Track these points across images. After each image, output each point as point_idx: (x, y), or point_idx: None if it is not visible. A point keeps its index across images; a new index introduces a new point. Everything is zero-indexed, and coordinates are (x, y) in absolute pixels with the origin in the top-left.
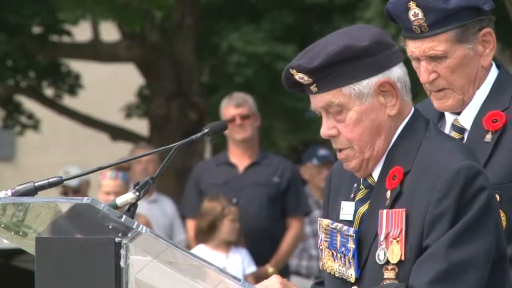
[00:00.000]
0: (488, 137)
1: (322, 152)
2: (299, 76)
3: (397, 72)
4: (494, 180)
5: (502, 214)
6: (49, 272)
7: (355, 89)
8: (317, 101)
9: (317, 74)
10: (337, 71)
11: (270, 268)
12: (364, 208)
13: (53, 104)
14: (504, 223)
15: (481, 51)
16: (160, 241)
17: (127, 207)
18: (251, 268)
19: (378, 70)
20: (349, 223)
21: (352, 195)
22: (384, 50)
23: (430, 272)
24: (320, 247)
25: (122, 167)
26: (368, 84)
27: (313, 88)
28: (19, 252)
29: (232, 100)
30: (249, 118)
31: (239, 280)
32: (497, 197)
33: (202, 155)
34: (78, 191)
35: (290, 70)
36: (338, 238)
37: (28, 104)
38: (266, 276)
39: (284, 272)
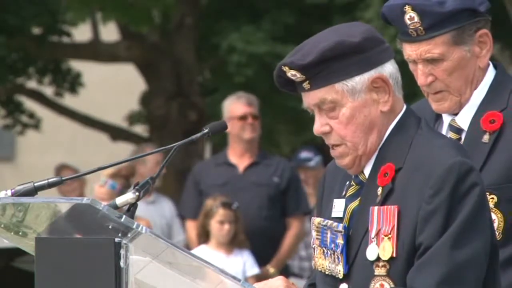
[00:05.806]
0: (486, 137)
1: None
2: (291, 74)
3: (389, 68)
4: (492, 181)
5: (499, 215)
6: (49, 272)
7: (347, 85)
8: (310, 98)
9: (310, 70)
10: (329, 67)
11: (271, 269)
12: (354, 204)
13: (53, 104)
14: (501, 224)
15: (477, 52)
16: (160, 241)
17: (127, 207)
18: (254, 270)
19: (370, 66)
20: (340, 219)
21: (344, 193)
22: (376, 46)
23: (436, 274)
24: (313, 246)
25: (123, 173)
26: (360, 80)
27: (306, 85)
28: (19, 253)
29: (242, 98)
30: (258, 118)
31: (239, 280)
32: (495, 198)
33: (202, 155)
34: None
35: (283, 67)
36: (328, 235)
37: (29, 104)
38: (267, 276)
39: (285, 272)
